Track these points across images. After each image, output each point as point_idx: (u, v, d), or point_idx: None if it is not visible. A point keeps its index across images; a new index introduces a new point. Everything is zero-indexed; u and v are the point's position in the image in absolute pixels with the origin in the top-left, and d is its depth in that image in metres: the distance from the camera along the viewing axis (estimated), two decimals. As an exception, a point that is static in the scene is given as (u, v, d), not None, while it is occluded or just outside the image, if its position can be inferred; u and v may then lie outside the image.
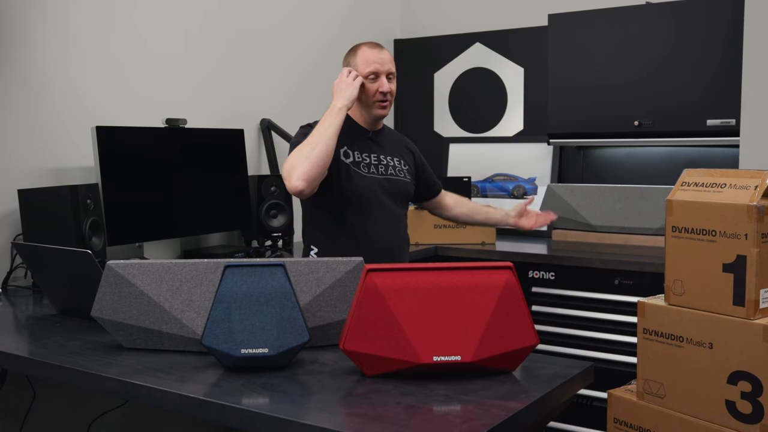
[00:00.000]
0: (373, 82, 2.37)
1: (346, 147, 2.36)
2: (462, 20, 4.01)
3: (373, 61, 2.37)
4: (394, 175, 2.43)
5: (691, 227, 1.70)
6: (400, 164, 2.47)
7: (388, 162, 2.44)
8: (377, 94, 2.37)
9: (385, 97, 2.38)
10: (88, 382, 1.59)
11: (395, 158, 2.47)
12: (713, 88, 2.97)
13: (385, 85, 2.36)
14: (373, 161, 2.41)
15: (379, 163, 2.42)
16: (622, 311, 2.87)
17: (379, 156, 2.43)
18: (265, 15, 3.42)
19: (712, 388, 1.66)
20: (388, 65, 2.39)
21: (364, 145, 2.41)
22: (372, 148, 2.43)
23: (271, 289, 1.55)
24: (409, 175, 2.48)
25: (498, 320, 1.49)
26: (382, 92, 2.36)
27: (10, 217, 2.49)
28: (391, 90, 2.40)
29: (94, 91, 2.75)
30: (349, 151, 2.38)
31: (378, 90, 2.36)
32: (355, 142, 2.40)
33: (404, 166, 2.48)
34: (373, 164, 2.41)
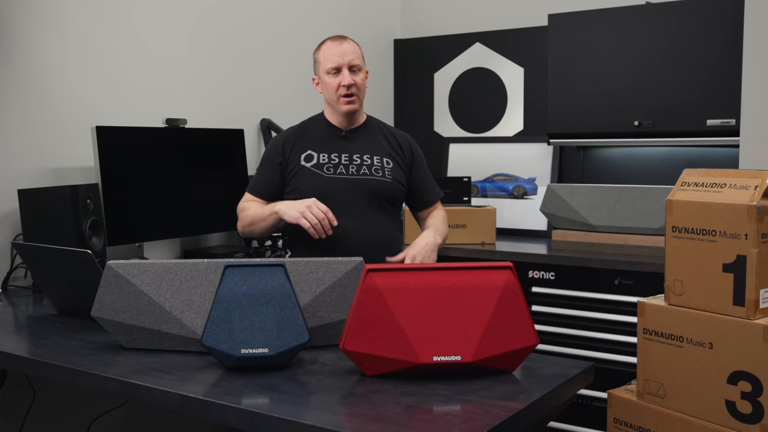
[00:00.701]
0: (335, 77, 2.28)
1: (311, 150, 2.32)
2: (462, 20, 4.01)
3: (333, 54, 2.28)
4: (369, 175, 2.32)
5: (691, 227, 1.70)
6: (380, 163, 2.35)
7: (363, 161, 2.33)
8: (340, 88, 2.28)
9: (349, 91, 2.28)
10: (88, 382, 1.59)
11: (375, 156, 2.35)
12: (713, 88, 2.97)
13: (346, 77, 2.26)
14: (343, 161, 2.32)
15: (351, 162, 2.32)
16: (622, 311, 2.87)
17: (352, 155, 2.33)
18: (264, 15, 3.42)
19: (712, 388, 1.66)
20: (350, 56, 2.28)
21: (334, 145, 2.34)
22: (344, 147, 2.34)
23: (271, 289, 1.55)
24: (393, 174, 2.36)
25: (498, 320, 1.49)
26: (344, 86, 2.27)
27: (10, 217, 2.49)
28: (356, 82, 2.28)
29: (94, 91, 2.74)
30: (314, 153, 2.32)
31: (340, 84, 2.27)
32: (325, 142, 2.34)
33: (387, 165, 2.36)
34: (343, 164, 2.31)
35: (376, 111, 4.11)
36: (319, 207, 2.13)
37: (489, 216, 3.35)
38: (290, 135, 2.40)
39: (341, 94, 2.29)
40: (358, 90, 2.31)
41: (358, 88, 2.31)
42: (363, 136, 2.38)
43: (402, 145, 2.43)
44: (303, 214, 2.11)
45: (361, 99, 2.35)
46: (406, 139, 2.46)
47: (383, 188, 2.33)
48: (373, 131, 2.41)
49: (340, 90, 2.29)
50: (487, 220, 3.34)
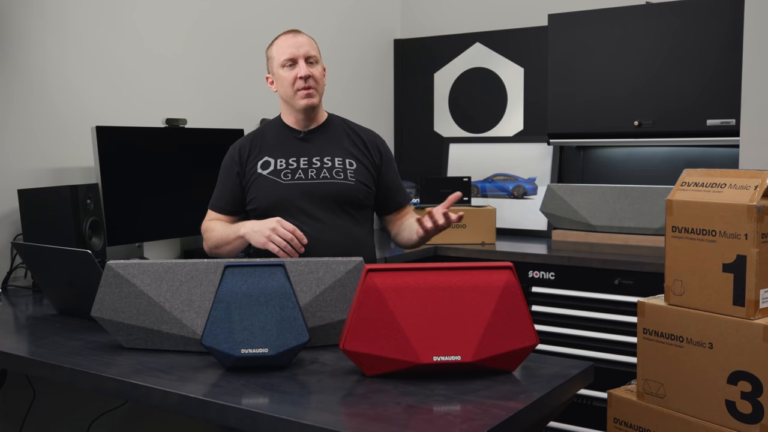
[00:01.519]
0: (290, 70, 2.16)
1: (267, 156, 2.21)
2: (462, 20, 4.01)
3: (288, 46, 2.16)
4: (330, 178, 2.17)
5: (691, 227, 1.70)
6: (342, 164, 2.20)
7: (324, 164, 2.19)
8: (297, 81, 2.14)
9: (307, 83, 2.14)
10: (88, 382, 1.59)
11: (336, 158, 2.20)
12: (713, 88, 2.97)
13: (302, 68, 2.13)
14: (302, 165, 2.19)
15: (309, 166, 2.18)
16: (622, 311, 2.87)
17: (311, 158, 2.19)
18: (264, 14, 3.42)
19: (712, 388, 1.66)
20: (305, 48, 2.16)
21: (292, 148, 2.21)
22: (303, 150, 2.21)
23: (271, 289, 1.55)
24: (356, 176, 2.20)
25: (498, 320, 1.49)
26: (300, 77, 2.13)
27: (10, 217, 2.49)
28: (313, 74, 2.15)
29: (94, 91, 2.75)
30: (270, 159, 2.21)
31: (296, 77, 2.14)
32: (281, 147, 2.22)
33: (350, 166, 2.21)
34: (301, 169, 2.18)
35: (376, 111, 4.11)
36: (285, 227, 2.01)
37: (489, 216, 3.35)
38: (245, 142, 2.28)
39: (298, 87, 2.15)
40: (316, 83, 2.17)
41: (316, 81, 2.17)
42: (323, 137, 2.24)
43: (368, 144, 2.27)
44: (269, 239, 2.00)
45: (320, 93, 2.21)
46: (373, 137, 2.31)
47: (346, 192, 2.18)
48: (334, 130, 2.27)
49: (297, 83, 2.15)
50: (487, 220, 3.34)
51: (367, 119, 3.97)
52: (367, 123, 2.79)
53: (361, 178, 2.22)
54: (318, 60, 2.21)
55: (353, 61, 3.93)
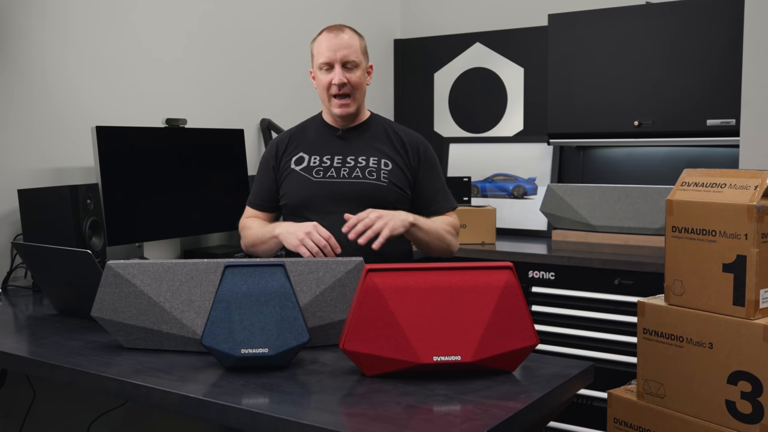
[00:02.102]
0: (327, 74, 2.07)
1: (303, 152, 2.18)
2: (462, 20, 4.01)
3: (325, 48, 2.06)
4: (362, 178, 2.12)
5: (691, 227, 1.70)
6: (377, 164, 2.14)
7: (358, 163, 2.14)
8: (331, 87, 2.07)
9: (341, 90, 2.06)
10: (88, 382, 1.59)
11: (372, 158, 2.14)
12: (713, 88, 2.97)
13: (337, 75, 2.04)
14: (335, 164, 2.14)
15: (343, 165, 2.13)
16: (622, 311, 2.87)
17: (346, 157, 2.15)
18: (265, 15, 3.42)
19: (712, 388, 1.66)
20: (344, 52, 2.05)
21: (329, 146, 2.18)
22: (340, 148, 2.17)
23: (271, 289, 1.55)
24: (390, 177, 2.14)
25: (498, 320, 1.49)
26: (335, 84, 2.06)
27: (10, 217, 2.49)
28: (350, 81, 2.06)
29: (94, 91, 2.75)
30: (305, 155, 2.18)
31: (331, 82, 2.06)
32: (319, 144, 2.19)
33: (385, 167, 2.14)
34: (334, 167, 2.13)
35: (376, 111, 4.08)
36: (321, 233, 1.94)
37: (489, 216, 3.35)
38: (285, 137, 2.28)
39: (332, 93, 2.09)
40: (353, 89, 2.10)
41: (353, 87, 2.10)
42: (361, 136, 2.20)
43: (408, 145, 2.20)
44: (302, 242, 1.94)
45: (359, 99, 2.15)
46: (416, 140, 2.23)
47: (376, 193, 2.11)
48: (374, 130, 2.22)
49: (331, 89, 2.09)
50: (487, 220, 3.34)
51: (367, 119, 3.97)
52: (367, 123, 2.81)
53: (395, 180, 2.15)
54: (358, 63, 2.11)
55: (353, 61, 3.93)
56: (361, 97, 2.17)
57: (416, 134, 2.27)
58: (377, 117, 2.29)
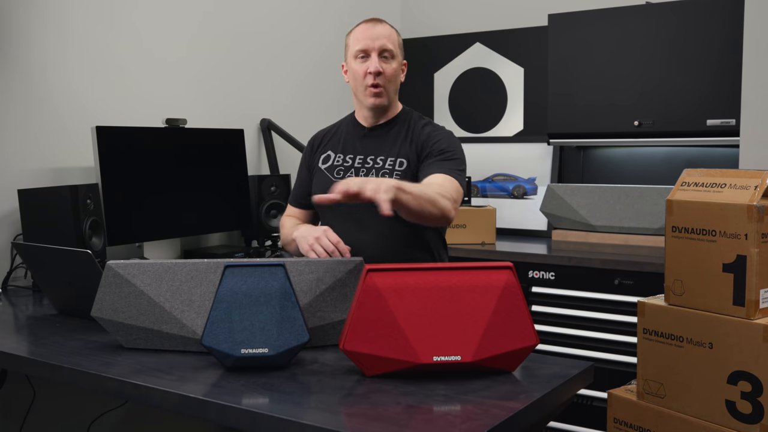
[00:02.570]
0: (362, 63, 2.04)
1: (330, 150, 2.18)
2: (462, 20, 4.01)
3: (363, 36, 2.04)
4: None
5: (691, 227, 1.70)
6: (392, 165, 2.10)
7: (376, 163, 2.11)
8: (366, 76, 2.03)
9: (376, 80, 2.01)
10: (88, 382, 1.59)
11: (389, 158, 2.11)
12: (713, 88, 2.97)
13: (374, 63, 2.00)
14: (356, 164, 2.12)
15: (363, 165, 2.10)
16: (622, 311, 2.87)
17: (367, 157, 2.12)
18: (264, 14, 3.42)
19: (712, 388, 1.66)
20: (382, 41, 2.03)
21: (354, 145, 2.16)
22: (363, 147, 2.14)
23: (271, 289, 1.55)
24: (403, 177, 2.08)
25: (498, 320, 1.49)
26: (370, 73, 2.01)
27: (10, 217, 2.49)
28: (385, 71, 2.02)
29: (94, 91, 2.75)
30: (332, 154, 2.18)
31: (366, 71, 2.02)
32: (346, 142, 2.18)
33: (399, 167, 2.10)
34: (355, 167, 2.11)
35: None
36: (330, 238, 1.93)
37: (489, 216, 3.35)
38: (319, 134, 2.28)
39: (367, 84, 2.03)
40: (388, 81, 2.04)
41: (387, 79, 2.04)
42: (385, 135, 2.14)
43: (420, 139, 2.11)
44: (312, 247, 1.93)
45: (391, 93, 2.08)
46: (428, 133, 2.12)
47: None
48: (401, 127, 2.14)
49: (366, 78, 2.02)
50: (487, 220, 3.34)
51: (367, 119, 3.97)
52: (367, 123, 2.80)
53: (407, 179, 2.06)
54: (395, 55, 2.07)
55: (353, 61, 3.93)
56: (393, 92, 2.12)
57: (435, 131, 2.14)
58: (408, 111, 2.20)
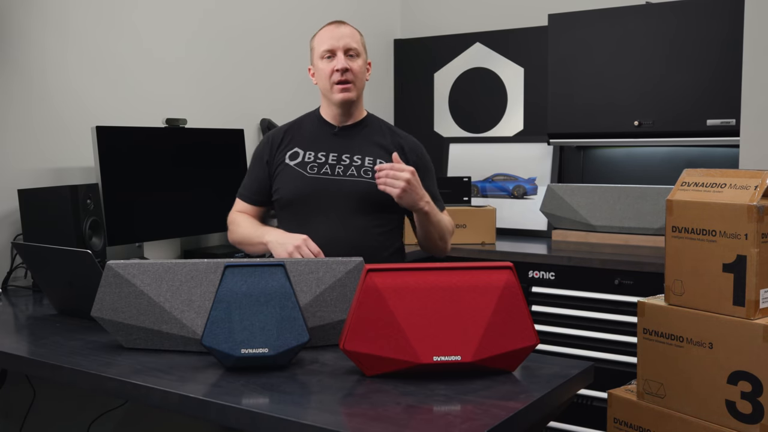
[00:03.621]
0: (329, 62, 2.12)
1: (298, 147, 2.19)
2: (462, 20, 4.01)
3: (328, 37, 2.12)
4: (357, 177, 2.13)
5: (691, 227, 1.70)
6: (373, 163, 2.15)
7: (353, 161, 2.15)
8: (333, 73, 2.10)
9: (344, 77, 2.09)
10: (88, 382, 1.59)
11: (367, 157, 2.16)
12: (713, 88, 2.97)
13: (340, 61, 2.09)
14: (330, 161, 2.15)
15: (338, 162, 2.15)
16: (622, 311, 2.87)
17: (341, 155, 2.16)
18: (264, 14, 3.42)
19: (712, 388, 1.66)
20: (346, 40, 2.12)
21: (324, 143, 2.19)
22: (335, 145, 2.18)
23: (271, 289, 1.55)
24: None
25: (498, 320, 1.49)
26: (337, 70, 2.09)
27: (10, 217, 2.49)
28: (352, 68, 2.10)
29: (94, 91, 2.75)
30: (300, 150, 2.19)
31: (333, 69, 2.10)
32: (314, 140, 2.20)
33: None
34: (329, 164, 2.15)
35: (376, 111, 4.09)
36: (311, 248, 1.95)
37: (489, 216, 3.35)
38: (280, 131, 2.27)
39: (335, 81, 2.11)
40: (355, 77, 2.12)
41: (354, 75, 2.12)
42: (358, 135, 2.21)
43: (406, 147, 2.22)
44: (291, 256, 1.95)
45: (359, 88, 2.16)
46: (413, 143, 2.26)
47: (369, 191, 2.10)
48: (371, 129, 2.24)
49: (333, 76, 2.11)
50: (487, 220, 3.34)
51: (367, 119, 3.97)
52: (367, 123, 2.80)
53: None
54: (359, 53, 2.16)
55: (353, 61, 3.93)
56: (361, 87, 2.18)
57: (413, 138, 2.29)
58: (374, 117, 2.30)
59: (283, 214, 2.23)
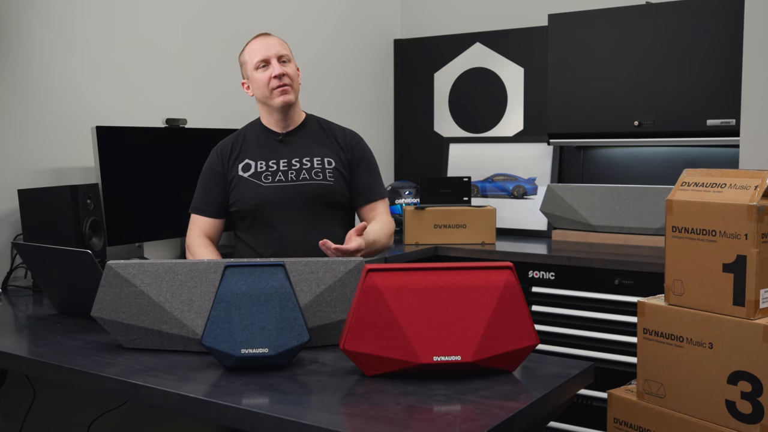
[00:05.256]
0: (264, 71, 2.21)
1: (248, 159, 2.26)
2: (462, 20, 4.01)
3: (259, 48, 2.22)
4: (309, 179, 2.23)
5: (691, 227, 1.70)
6: (321, 164, 2.25)
7: (303, 165, 2.25)
8: (271, 81, 2.20)
9: (282, 81, 2.19)
10: (88, 382, 1.59)
11: (315, 158, 2.26)
12: (713, 88, 2.97)
13: (276, 68, 2.18)
14: (282, 167, 2.24)
15: (289, 168, 2.24)
16: (622, 311, 2.87)
17: (291, 160, 2.25)
18: (265, 15, 3.42)
19: (712, 388, 1.66)
20: (276, 48, 2.22)
21: (272, 151, 2.26)
22: (283, 152, 2.26)
23: (271, 289, 1.55)
24: (335, 175, 2.26)
25: (498, 320, 1.49)
26: (275, 77, 2.19)
27: (10, 217, 2.49)
28: (287, 72, 2.20)
29: (94, 90, 2.75)
30: (251, 162, 2.26)
31: (271, 76, 2.19)
32: (261, 149, 2.27)
33: (329, 166, 2.26)
34: (281, 171, 2.23)
35: (376, 111, 4.11)
36: None
37: (489, 216, 3.35)
38: (226, 145, 2.33)
39: (273, 87, 2.20)
40: (291, 80, 2.22)
41: (291, 79, 2.22)
42: (302, 138, 2.29)
43: (341, 142, 2.32)
44: None
45: (296, 90, 2.26)
46: (349, 136, 2.35)
47: (324, 192, 2.23)
48: (312, 130, 2.32)
49: (271, 83, 2.20)
50: (487, 220, 3.34)
51: (366, 119, 3.97)
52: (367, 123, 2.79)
53: (339, 177, 2.27)
54: (290, 59, 2.26)
55: (353, 61, 3.93)
56: (297, 90, 2.28)
57: (349, 130, 2.38)
58: (312, 117, 2.38)
59: (243, 223, 2.28)
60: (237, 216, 2.28)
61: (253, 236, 2.27)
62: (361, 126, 2.52)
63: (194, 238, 2.28)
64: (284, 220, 2.22)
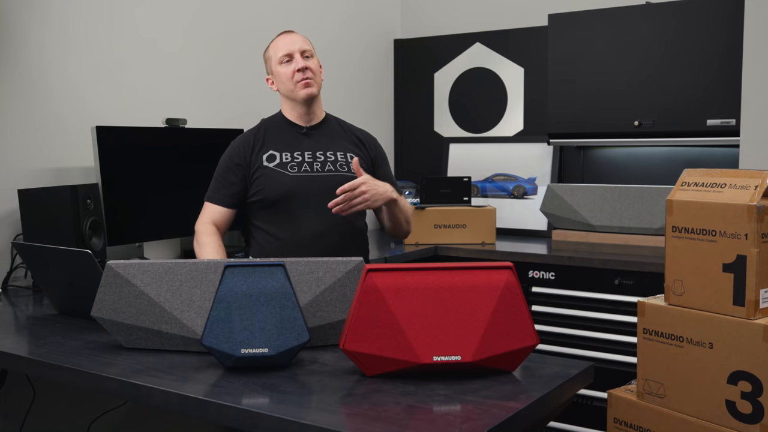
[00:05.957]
0: (288, 65, 2.28)
1: (272, 150, 2.29)
2: (462, 20, 4.01)
3: (282, 45, 2.29)
4: (334, 171, 2.29)
5: (691, 227, 1.70)
6: (344, 158, 2.33)
7: (327, 157, 2.32)
8: (295, 74, 2.27)
9: (305, 74, 2.27)
10: (88, 382, 1.59)
11: (338, 152, 2.33)
12: (713, 88, 2.97)
13: (299, 61, 2.26)
14: (307, 159, 2.30)
15: (314, 160, 2.30)
16: (622, 311, 2.87)
17: (315, 153, 2.31)
18: (265, 14, 3.42)
19: (712, 388, 1.66)
20: (299, 44, 2.29)
21: (296, 143, 2.32)
22: (306, 145, 2.32)
23: (271, 289, 1.55)
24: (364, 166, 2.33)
25: (498, 320, 1.49)
26: (298, 70, 2.26)
27: (10, 217, 2.49)
28: (310, 66, 2.28)
29: (94, 90, 2.75)
30: (276, 153, 2.29)
31: (294, 70, 2.26)
32: (286, 141, 2.32)
33: (351, 159, 2.33)
34: (307, 162, 2.29)
35: (376, 111, 4.11)
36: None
37: (489, 216, 3.35)
38: (249, 137, 2.36)
39: (297, 80, 2.27)
40: (314, 74, 2.29)
41: (313, 72, 2.29)
42: (324, 133, 2.36)
43: (363, 140, 2.42)
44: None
45: (319, 84, 2.32)
46: (368, 136, 2.45)
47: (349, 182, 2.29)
48: (333, 127, 2.40)
49: (295, 76, 2.27)
50: (487, 220, 3.34)
51: (367, 119, 3.97)
52: (367, 123, 2.79)
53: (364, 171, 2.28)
54: (313, 54, 2.32)
55: (353, 61, 3.93)
56: (320, 84, 2.34)
57: (366, 131, 2.48)
58: (331, 116, 2.45)
59: (268, 212, 2.30)
60: (260, 205, 2.29)
61: (276, 225, 2.28)
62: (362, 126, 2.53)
63: (202, 225, 2.32)
64: (309, 209, 2.25)
